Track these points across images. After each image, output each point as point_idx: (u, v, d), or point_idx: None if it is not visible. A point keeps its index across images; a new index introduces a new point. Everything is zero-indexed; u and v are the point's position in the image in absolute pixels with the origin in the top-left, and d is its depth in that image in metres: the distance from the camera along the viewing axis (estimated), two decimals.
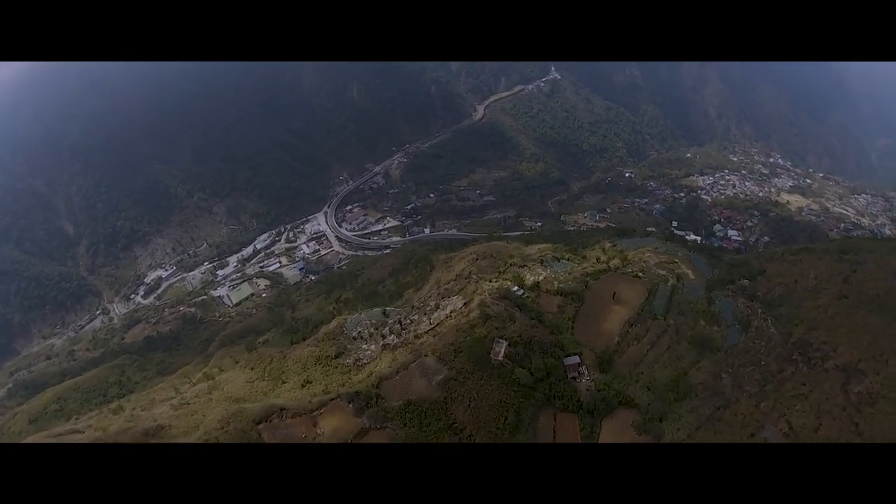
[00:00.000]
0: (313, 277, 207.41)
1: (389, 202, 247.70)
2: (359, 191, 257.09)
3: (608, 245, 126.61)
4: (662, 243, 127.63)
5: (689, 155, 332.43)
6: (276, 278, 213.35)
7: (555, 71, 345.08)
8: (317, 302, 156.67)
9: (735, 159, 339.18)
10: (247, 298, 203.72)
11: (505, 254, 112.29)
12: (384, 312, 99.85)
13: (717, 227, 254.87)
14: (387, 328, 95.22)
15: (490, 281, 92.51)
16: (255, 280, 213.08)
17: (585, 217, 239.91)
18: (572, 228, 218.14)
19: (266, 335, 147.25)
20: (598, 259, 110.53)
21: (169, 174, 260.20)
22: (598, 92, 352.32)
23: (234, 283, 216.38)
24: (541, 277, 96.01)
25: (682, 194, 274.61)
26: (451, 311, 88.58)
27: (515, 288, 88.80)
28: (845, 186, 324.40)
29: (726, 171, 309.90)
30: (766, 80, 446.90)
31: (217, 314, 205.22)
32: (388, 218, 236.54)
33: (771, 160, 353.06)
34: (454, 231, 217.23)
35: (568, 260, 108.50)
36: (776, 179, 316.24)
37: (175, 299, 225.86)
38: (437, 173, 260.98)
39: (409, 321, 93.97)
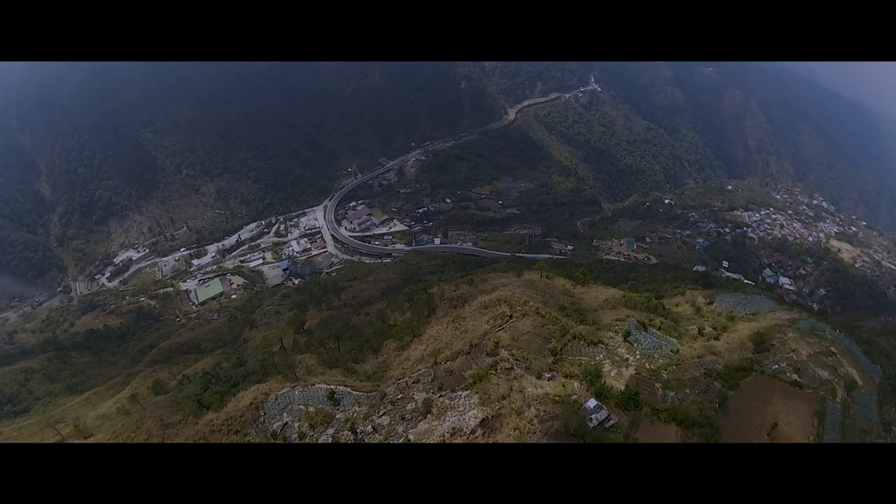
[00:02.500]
0: (296, 281, 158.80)
1: (399, 203, 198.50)
2: (367, 186, 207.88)
3: (701, 300, 76.53)
4: (779, 307, 77.12)
5: (729, 187, 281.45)
6: (254, 277, 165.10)
7: (594, 82, 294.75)
8: (280, 322, 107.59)
9: (778, 197, 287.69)
10: (213, 298, 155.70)
11: (553, 303, 62.84)
12: (331, 395, 50.51)
13: (767, 271, 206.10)
14: (329, 431, 46.16)
15: (539, 376, 42.60)
16: (228, 276, 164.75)
17: (622, 245, 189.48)
18: (613, 258, 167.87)
19: (200, 363, 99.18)
20: (700, 330, 60.71)
21: (159, 145, 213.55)
22: (637, 110, 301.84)
23: (206, 277, 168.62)
24: (630, 371, 46.23)
25: (727, 230, 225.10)
26: (454, 433, 39.58)
27: (592, 404, 38.35)
28: (889, 238, 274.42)
29: (771, 209, 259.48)
30: (806, 119, 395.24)
31: (177, 312, 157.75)
32: (394, 221, 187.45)
33: (815, 202, 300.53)
34: (469, 245, 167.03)
35: (660, 329, 58.33)
36: (821, 224, 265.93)
37: (140, 286, 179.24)
38: (457, 176, 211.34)
39: (370, 428, 44.70)
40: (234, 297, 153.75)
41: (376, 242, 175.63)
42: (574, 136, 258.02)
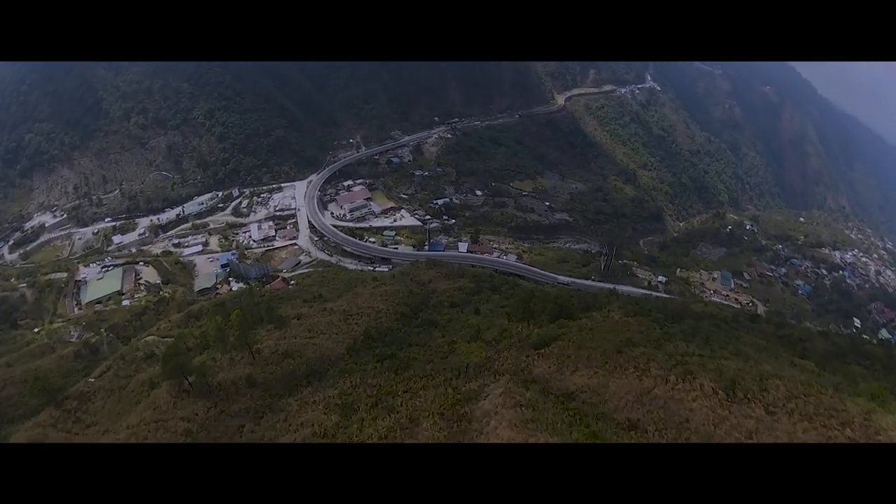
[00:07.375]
0: (234, 286, 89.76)
1: (412, 188, 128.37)
2: (371, 162, 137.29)
3: None
4: None
5: (801, 219, 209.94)
6: (175, 273, 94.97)
7: (651, 80, 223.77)
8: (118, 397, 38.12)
9: (853, 237, 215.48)
10: (100, 301, 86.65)
11: None
12: None
13: (884, 332, 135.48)
14: None
15: None
16: (139, 266, 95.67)
17: (714, 279, 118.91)
18: (714, 299, 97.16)
19: None
20: None
21: (110, 84, 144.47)
22: (695, 119, 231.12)
23: (113, 264, 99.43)
24: None
25: (824, 272, 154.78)
26: None
27: None
28: None
29: (856, 249, 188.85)
30: (858, 156, 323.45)
31: (49, 315, 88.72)
32: (402, 211, 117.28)
33: (888, 246, 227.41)
34: (513, 259, 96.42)
35: None
36: None
37: (37, 265, 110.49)
38: (491, 164, 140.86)
39: None
40: (125, 303, 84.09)
41: (371, 239, 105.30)
42: (630, 137, 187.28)
